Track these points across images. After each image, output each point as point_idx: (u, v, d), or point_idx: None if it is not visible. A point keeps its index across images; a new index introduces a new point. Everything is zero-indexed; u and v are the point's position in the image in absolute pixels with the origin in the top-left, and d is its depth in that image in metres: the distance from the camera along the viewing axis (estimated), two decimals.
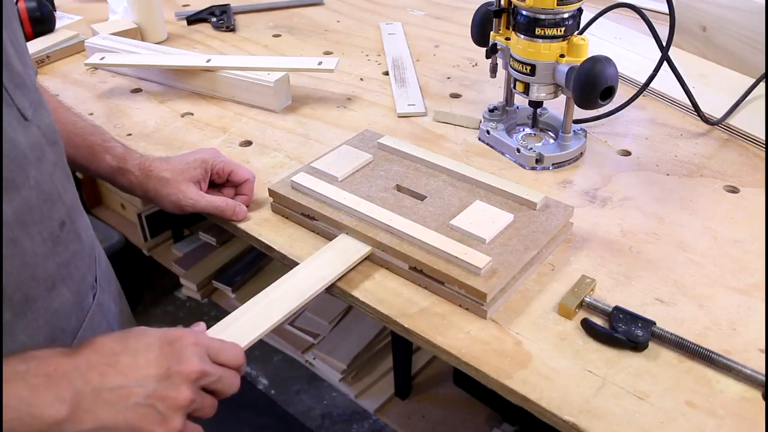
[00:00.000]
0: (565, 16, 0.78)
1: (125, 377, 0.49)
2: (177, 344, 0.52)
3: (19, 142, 0.50)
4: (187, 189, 0.75)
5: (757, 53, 0.99)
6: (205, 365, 0.52)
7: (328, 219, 0.72)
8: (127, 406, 0.48)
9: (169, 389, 0.50)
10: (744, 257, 0.70)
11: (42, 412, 0.45)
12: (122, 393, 0.48)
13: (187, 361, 0.51)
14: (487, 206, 0.71)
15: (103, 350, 0.50)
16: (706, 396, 0.55)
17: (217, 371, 0.53)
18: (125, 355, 0.50)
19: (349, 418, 1.58)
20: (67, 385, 0.46)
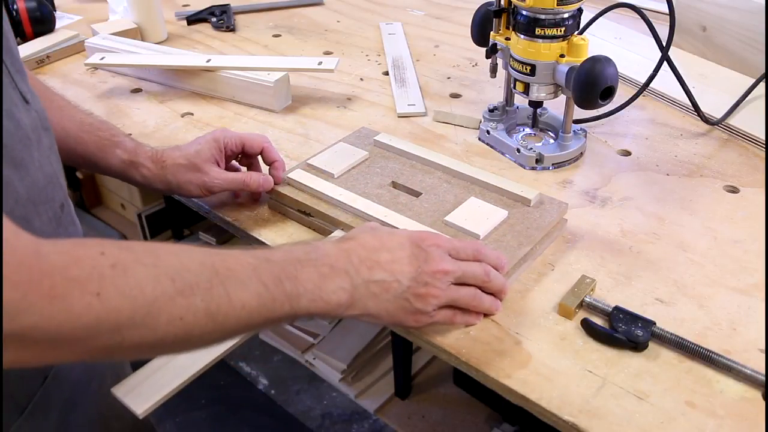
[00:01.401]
0: (565, 16, 0.78)
1: (386, 272, 0.55)
2: (423, 244, 0.58)
3: (24, 124, 0.53)
4: (208, 170, 0.73)
5: (757, 53, 0.99)
6: (447, 264, 0.57)
7: (323, 215, 0.72)
8: (387, 298, 0.55)
9: (419, 286, 0.56)
10: (744, 257, 0.70)
11: (329, 297, 0.52)
12: (384, 286, 0.55)
13: (433, 261, 0.57)
14: (481, 203, 0.71)
15: (367, 245, 0.56)
16: (706, 396, 0.55)
17: (460, 266, 0.58)
18: (384, 251, 0.56)
19: (349, 418, 1.58)
20: (346, 276, 0.54)
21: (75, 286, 0.39)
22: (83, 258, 0.41)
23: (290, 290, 0.50)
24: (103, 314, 0.40)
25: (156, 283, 0.43)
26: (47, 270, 0.39)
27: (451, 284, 0.58)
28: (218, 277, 0.46)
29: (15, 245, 0.38)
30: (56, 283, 0.39)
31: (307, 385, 1.66)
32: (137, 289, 0.42)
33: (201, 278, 0.45)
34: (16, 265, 0.37)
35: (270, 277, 0.49)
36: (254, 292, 0.48)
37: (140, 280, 0.42)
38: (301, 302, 0.51)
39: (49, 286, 0.38)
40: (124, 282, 0.41)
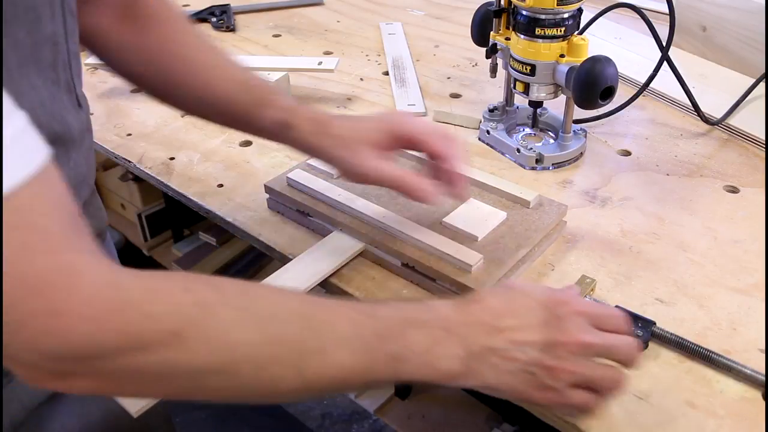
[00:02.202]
0: (565, 16, 0.78)
1: (510, 341, 0.48)
2: (559, 311, 0.50)
3: (72, 127, 0.53)
4: (366, 155, 0.62)
5: (757, 53, 0.99)
6: (588, 336, 0.49)
7: (322, 215, 0.72)
8: (510, 370, 0.48)
9: (551, 359, 0.48)
10: (744, 257, 0.70)
11: (439, 363, 0.46)
12: (506, 356, 0.48)
13: (569, 331, 0.49)
14: (480, 204, 0.71)
15: (491, 309, 0.49)
16: (706, 396, 0.55)
17: (605, 340, 0.50)
18: (510, 317, 0.49)
19: (349, 418, 1.58)
20: (461, 342, 0.47)
21: (152, 324, 0.37)
22: (165, 294, 0.39)
23: (395, 351, 0.45)
24: (179, 356, 0.38)
25: (242, 329, 0.40)
26: (124, 304, 0.37)
27: (589, 360, 0.50)
28: (313, 330, 0.43)
29: (93, 275, 0.36)
30: (132, 318, 0.37)
31: None
32: (221, 333, 0.39)
33: (294, 330, 0.42)
34: (91, 297, 0.36)
35: (373, 335, 0.45)
36: (353, 351, 0.43)
37: (225, 324, 0.39)
38: (405, 366, 0.45)
39: (124, 322, 0.37)
40: (206, 324, 0.39)
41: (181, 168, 0.87)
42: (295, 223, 0.76)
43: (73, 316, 0.35)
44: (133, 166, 0.88)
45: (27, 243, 0.35)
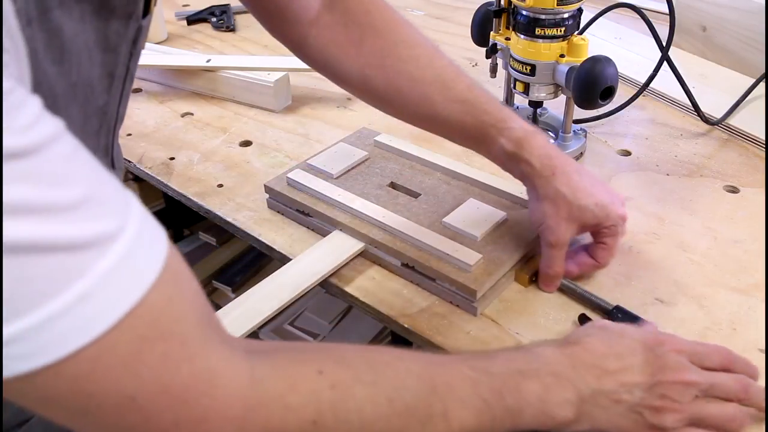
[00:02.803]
0: (565, 16, 0.78)
1: (615, 382, 0.49)
2: (659, 350, 0.51)
3: None
4: (564, 228, 0.62)
5: (757, 53, 0.99)
6: (690, 374, 0.50)
7: (321, 215, 0.72)
8: (619, 412, 0.49)
9: (655, 399, 0.49)
10: (744, 257, 0.70)
11: (554, 411, 0.47)
12: (613, 398, 0.48)
13: (671, 370, 0.50)
14: (480, 204, 0.71)
15: (593, 351, 0.50)
16: None
17: (706, 378, 0.50)
18: (612, 358, 0.50)
19: None
20: (572, 387, 0.48)
21: (292, 415, 0.38)
22: (301, 381, 0.39)
23: (512, 405, 0.46)
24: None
25: (374, 405, 0.41)
26: (264, 400, 0.37)
27: (696, 397, 0.50)
28: (437, 395, 0.43)
29: (232, 375, 0.36)
30: (273, 413, 0.37)
31: None
32: (355, 413, 0.40)
33: (420, 397, 0.43)
34: (231, 397, 0.36)
35: (491, 392, 0.45)
36: (474, 410, 0.44)
37: (359, 402, 0.40)
38: (524, 417, 0.46)
39: (266, 418, 0.37)
40: (343, 406, 0.39)
41: (181, 168, 0.87)
42: (295, 223, 0.76)
43: (217, 420, 0.35)
44: (133, 166, 0.88)
45: (168, 353, 0.34)
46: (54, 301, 0.30)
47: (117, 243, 0.32)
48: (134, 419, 0.34)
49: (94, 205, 0.32)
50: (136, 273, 0.33)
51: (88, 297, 0.31)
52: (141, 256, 0.33)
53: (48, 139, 0.31)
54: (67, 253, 0.30)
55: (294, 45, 0.68)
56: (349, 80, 0.68)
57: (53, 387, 0.32)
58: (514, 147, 0.63)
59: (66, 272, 0.30)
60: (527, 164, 0.62)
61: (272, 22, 0.67)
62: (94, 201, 0.32)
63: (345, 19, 0.65)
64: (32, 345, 0.30)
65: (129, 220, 0.33)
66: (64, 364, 0.31)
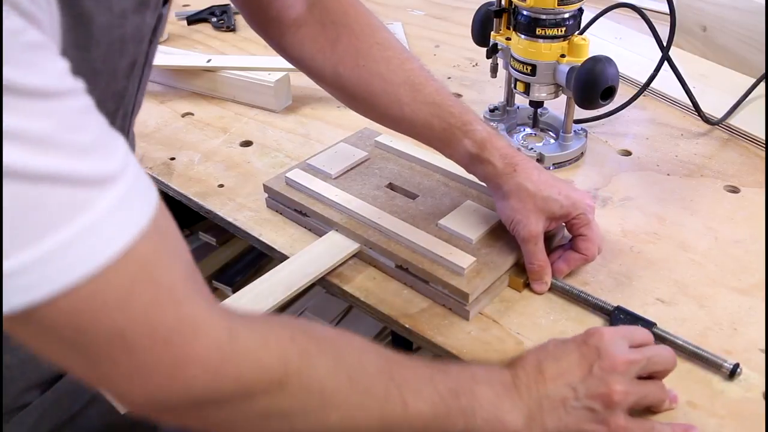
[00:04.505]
0: (566, 16, 0.78)
1: (555, 384, 0.50)
2: (592, 341, 0.51)
3: None
4: (533, 220, 0.63)
5: (757, 53, 0.99)
6: (628, 354, 0.51)
7: (318, 215, 0.72)
8: (566, 411, 0.49)
9: (598, 387, 0.49)
10: (744, 257, 0.70)
11: (506, 417, 0.48)
12: (557, 399, 0.49)
13: (607, 354, 0.50)
14: (477, 206, 0.71)
15: (531, 362, 0.51)
16: (707, 396, 0.56)
17: (645, 353, 0.52)
18: (549, 363, 0.51)
19: None
20: (518, 396, 0.49)
21: (262, 373, 0.40)
22: (274, 342, 0.41)
23: (466, 405, 0.47)
24: (279, 402, 0.41)
25: (335, 379, 0.43)
26: (239, 353, 0.39)
27: (635, 378, 0.51)
28: (394, 382, 0.45)
29: (213, 327, 0.38)
30: (245, 369, 0.39)
31: None
32: (318, 382, 0.42)
33: (378, 381, 0.44)
34: (210, 347, 0.38)
35: (446, 389, 0.47)
36: (430, 403, 0.45)
37: (322, 373, 0.42)
38: (476, 420, 0.47)
39: (238, 371, 0.39)
40: (308, 373, 0.41)
41: (182, 168, 0.87)
42: (295, 224, 0.76)
43: (195, 366, 0.37)
44: None
45: (157, 297, 0.36)
46: (59, 232, 0.31)
47: (118, 184, 0.34)
48: (121, 356, 0.36)
49: (101, 149, 0.34)
50: (132, 215, 0.35)
51: (91, 230, 0.33)
52: (137, 201, 0.36)
53: (71, 91, 0.33)
54: (75, 186, 0.32)
55: (275, 42, 0.70)
56: (323, 77, 0.70)
57: (51, 320, 0.33)
58: (477, 148, 0.65)
59: (73, 204, 0.32)
60: (489, 164, 0.65)
61: (256, 18, 0.70)
62: (101, 146, 0.34)
63: (324, 19, 0.67)
64: (36, 276, 0.31)
65: (128, 168, 0.35)
66: (63, 298, 0.32)
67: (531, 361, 0.51)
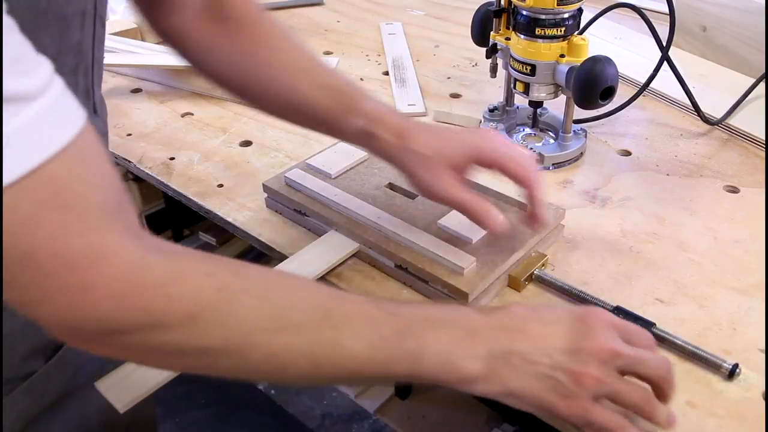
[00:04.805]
0: (566, 16, 0.78)
1: (533, 344, 0.47)
2: (587, 319, 0.49)
3: None
4: (443, 177, 0.61)
5: (757, 53, 0.99)
6: (616, 344, 0.48)
7: (318, 215, 0.72)
8: (532, 374, 0.47)
9: (574, 364, 0.47)
10: (744, 257, 0.70)
11: (461, 364, 0.46)
12: (528, 359, 0.47)
13: (597, 338, 0.47)
14: None
15: (515, 315, 0.49)
16: (706, 396, 0.55)
17: (634, 352, 0.48)
18: (535, 322, 0.49)
19: (349, 418, 1.58)
20: (482, 343, 0.47)
21: (171, 306, 0.39)
22: (187, 277, 0.40)
23: (412, 349, 0.45)
24: (193, 338, 0.40)
25: (257, 317, 0.42)
26: (148, 285, 0.39)
27: (618, 373, 0.48)
28: (330, 320, 0.44)
29: (122, 255, 0.38)
30: (153, 299, 0.39)
31: None
32: (235, 319, 0.41)
33: (310, 319, 0.44)
34: (116, 275, 0.37)
35: (390, 331, 0.45)
36: (367, 344, 0.44)
37: (241, 311, 0.41)
38: (423, 364, 0.46)
39: (146, 301, 0.38)
40: (225, 309, 0.41)
41: (181, 168, 0.87)
42: (294, 223, 0.76)
43: (100, 292, 0.37)
44: (133, 166, 0.88)
45: (64, 223, 0.36)
46: None
47: (36, 102, 0.34)
48: (29, 277, 0.36)
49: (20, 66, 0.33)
50: (50, 135, 0.35)
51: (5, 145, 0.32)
52: (57, 122, 0.35)
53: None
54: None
55: (171, 38, 0.68)
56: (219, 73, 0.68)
57: None
58: (369, 125, 0.64)
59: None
60: (381, 140, 0.63)
61: (151, 12, 0.66)
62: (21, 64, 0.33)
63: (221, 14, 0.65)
64: None
65: (51, 89, 0.35)
66: None
67: (517, 313, 0.50)
